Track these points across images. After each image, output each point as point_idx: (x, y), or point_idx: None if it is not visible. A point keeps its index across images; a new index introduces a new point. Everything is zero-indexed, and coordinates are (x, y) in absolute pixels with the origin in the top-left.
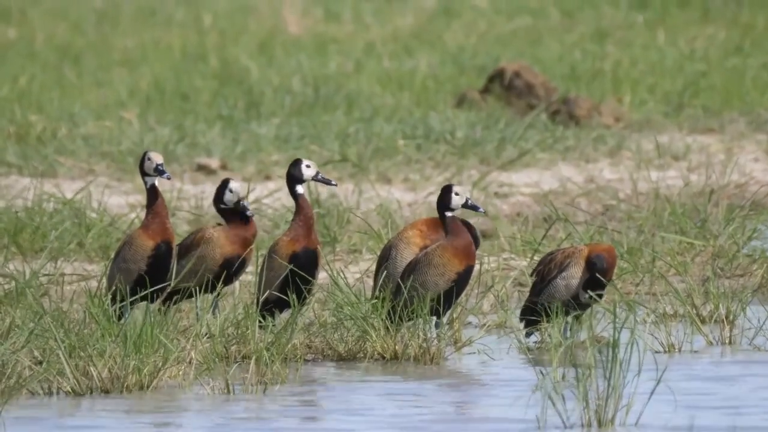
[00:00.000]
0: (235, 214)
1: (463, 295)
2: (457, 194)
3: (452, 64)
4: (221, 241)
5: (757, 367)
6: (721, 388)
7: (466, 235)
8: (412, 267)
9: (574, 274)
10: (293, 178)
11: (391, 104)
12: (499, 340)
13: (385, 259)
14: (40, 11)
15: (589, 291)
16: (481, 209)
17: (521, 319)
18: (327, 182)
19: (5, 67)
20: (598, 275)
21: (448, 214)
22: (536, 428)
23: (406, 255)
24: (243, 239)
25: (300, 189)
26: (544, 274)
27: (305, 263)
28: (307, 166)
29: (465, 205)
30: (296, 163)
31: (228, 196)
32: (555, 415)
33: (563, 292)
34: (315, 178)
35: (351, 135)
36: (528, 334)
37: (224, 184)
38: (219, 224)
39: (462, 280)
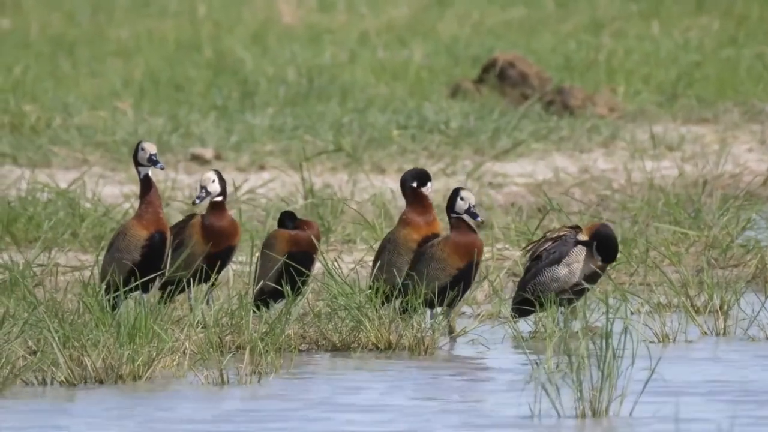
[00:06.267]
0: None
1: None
2: (462, 199)
3: (446, 54)
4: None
5: (751, 357)
6: (715, 378)
7: (469, 234)
8: (416, 259)
9: (574, 260)
10: None
11: (385, 94)
12: (494, 330)
13: (381, 250)
14: (34, 1)
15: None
16: (479, 218)
17: (513, 308)
18: None
19: None
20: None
21: (454, 215)
22: (530, 418)
23: (403, 251)
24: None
25: None
26: (538, 252)
27: (303, 252)
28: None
29: (467, 211)
30: None
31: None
32: (549, 405)
33: (559, 282)
34: None
35: (345, 125)
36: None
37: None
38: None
39: (464, 276)
